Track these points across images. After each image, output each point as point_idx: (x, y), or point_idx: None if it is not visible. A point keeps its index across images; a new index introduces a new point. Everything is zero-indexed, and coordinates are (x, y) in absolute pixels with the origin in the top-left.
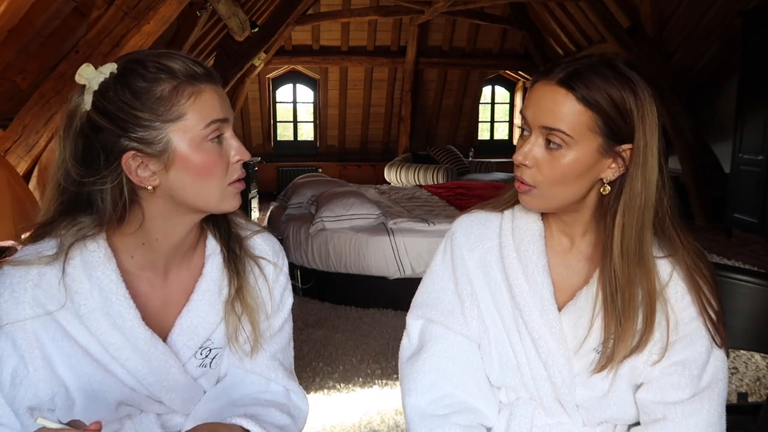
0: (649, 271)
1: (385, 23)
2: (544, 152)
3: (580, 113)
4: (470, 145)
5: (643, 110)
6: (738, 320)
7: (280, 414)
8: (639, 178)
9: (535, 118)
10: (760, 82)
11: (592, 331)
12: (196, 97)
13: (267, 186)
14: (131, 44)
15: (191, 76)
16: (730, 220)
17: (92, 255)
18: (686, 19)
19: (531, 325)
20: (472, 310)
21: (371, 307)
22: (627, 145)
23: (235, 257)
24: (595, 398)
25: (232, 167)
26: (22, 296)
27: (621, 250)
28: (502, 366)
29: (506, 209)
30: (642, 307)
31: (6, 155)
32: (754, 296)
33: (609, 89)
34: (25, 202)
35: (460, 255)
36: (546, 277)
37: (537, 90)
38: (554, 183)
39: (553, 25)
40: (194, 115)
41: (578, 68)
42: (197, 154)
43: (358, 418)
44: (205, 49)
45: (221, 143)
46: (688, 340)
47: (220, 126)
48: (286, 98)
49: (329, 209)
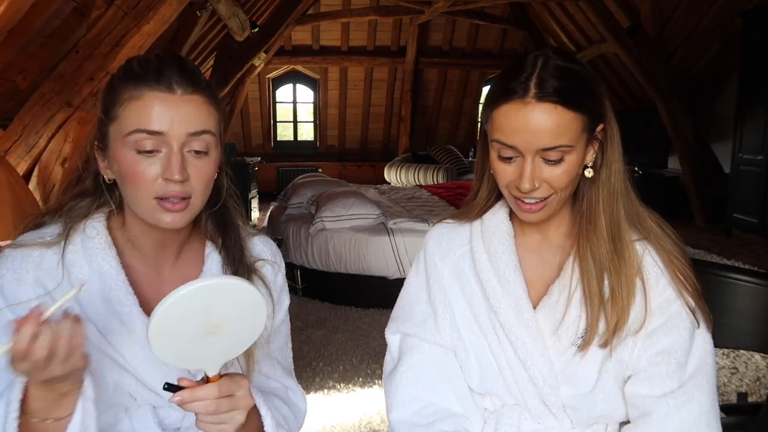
0: (627, 247)
1: (385, 23)
2: (544, 168)
3: (572, 120)
4: (470, 145)
5: (600, 84)
6: (738, 320)
7: (281, 404)
8: (616, 153)
9: (528, 144)
10: (760, 82)
11: (570, 324)
12: (131, 102)
13: (267, 186)
14: (131, 44)
15: (138, 77)
16: (730, 220)
17: (92, 242)
18: (686, 19)
19: (507, 326)
20: (445, 319)
21: (371, 307)
22: (600, 125)
23: (233, 259)
24: (581, 396)
25: (156, 182)
26: (24, 277)
27: (605, 228)
28: (483, 372)
29: (476, 219)
30: (630, 287)
31: (6, 155)
32: (754, 296)
33: (576, 78)
34: (25, 202)
35: (432, 264)
36: (518, 276)
37: (515, 115)
38: (562, 190)
39: (553, 25)
40: (124, 119)
41: (541, 76)
42: (121, 159)
43: (358, 418)
44: (205, 49)
45: (154, 155)
46: (670, 325)
47: (145, 139)
48: (286, 98)
49: (329, 209)
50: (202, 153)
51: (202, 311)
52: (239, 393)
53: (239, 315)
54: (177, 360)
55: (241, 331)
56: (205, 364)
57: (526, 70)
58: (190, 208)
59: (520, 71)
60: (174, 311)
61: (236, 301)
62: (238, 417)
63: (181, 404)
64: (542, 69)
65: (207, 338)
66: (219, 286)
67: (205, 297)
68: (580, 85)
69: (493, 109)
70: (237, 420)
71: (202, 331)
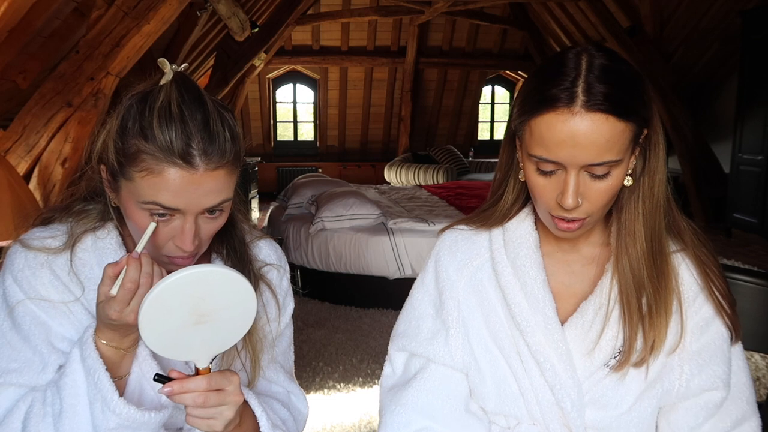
0: (667, 261)
1: (385, 23)
2: (589, 183)
3: (623, 131)
4: (470, 145)
5: (647, 84)
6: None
7: (280, 407)
8: (659, 162)
9: (574, 159)
10: (760, 82)
11: (605, 344)
12: (150, 175)
13: (267, 186)
14: (131, 44)
15: (161, 150)
16: (730, 220)
17: (103, 242)
18: (686, 19)
19: (534, 347)
20: (457, 338)
21: (371, 307)
22: (645, 131)
23: (241, 270)
24: (611, 418)
25: (167, 245)
26: (39, 271)
27: (645, 240)
28: (501, 394)
29: (496, 227)
30: (668, 304)
31: (6, 155)
32: (754, 296)
33: (626, 81)
34: (25, 202)
35: (446, 277)
36: (547, 292)
37: (561, 126)
38: (605, 205)
39: (553, 25)
40: (140, 188)
41: (588, 80)
42: (131, 214)
43: (358, 418)
44: (205, 49)
45: (168, 220)
46: (714, 347)
47: (160, 210)
48: (286, 98)
49: (329, 209)
50: (216, 214)
51: (192, 299)
52: (229, 388)
53: (228, 305)
54: (167, 349)
55: (230, 322)
56: (195, 355)
57: (569, 73)
58: (198, 256)
59: (562, 74)
60: (164, 298)
61: (226, 291)
62: (226, 412)
63: (171, 395)
64: (588, 71)
65: (196, 328)
66: (209, 275)
67: (194, 285)
68: (630, 90)
69: (530, 117)
70: (225, 415)
71: (192, 320)
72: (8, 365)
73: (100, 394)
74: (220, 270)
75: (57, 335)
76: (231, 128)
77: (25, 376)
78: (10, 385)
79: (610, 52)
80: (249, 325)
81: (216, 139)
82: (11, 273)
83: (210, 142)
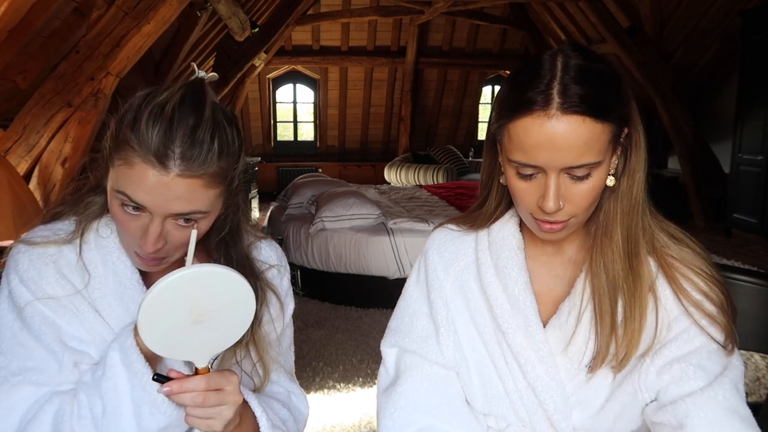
0: (642, 263)
1: (385, 23)
2: (570, 186)
3: (601, 132)
4: (470, 145)
5: (625, 82)
6: (738, 320)
7: (280, 407)
8: (640, 160)
9: (553, 162)
10: (760, 82)
11: (579, 345)
12: (124, 164)
13: (267, 186)
14: (131, 44)
15: (139, 141)
16: (730, 220)
17: (106, 241)
18: (686, 19)
19: (516, 348)
20: (448, 337)
21: (371, 307)
22: (625, 129)
23: (233, 260)
24: (591, 417)
25: (136, 239)
26: (44, 270)
27: (622, 243)
28: (487, 393)
29: (482, 229)
30: (643, 306)
31: (6, 155)
32: (754, 296)
33: (602, 81)
34: (26, 202)
35: (434, 275)
36: (528, 294)
37: (538, 130)
38: (589, 207)
39: (553, 25)
40: (116, 176)
41: (564, 81)
42: (111, 202)
43: (358, 418)
44: (205, 49)
45: (138, 216)
46: (683, 338)
47: (129, 203)
48: (286, 98)
49: (329, 209)
50: (188, 223)
51: (191, 299)
52: (228, 388)
53: (227, 304)
54: (166, 349)
55: (229, 322)
56: (194, 355)
57: (545, 75)
58: (166, 262)
59: (538, 75)
60: (163, 297)
61: (224, 290)
62: (225, 412)
63: (170, 395)
64: (563, 72)
65: (195, 327)
66: (208, 274)
67: (193, 284)
68: (607, 89)
69: (508, 122)
70: (225, 415)
71: (190, 320)
72: (24, 363)
73: (149, 397)
74: (220, 270)
75: (67, 334)
76: (224, 143)
77: (43, 375)
78: (28, 383)
79: (586, 52)
80: (248, 325)
81: (199, 148)
82: (17, 274)
83: (191, 148)
